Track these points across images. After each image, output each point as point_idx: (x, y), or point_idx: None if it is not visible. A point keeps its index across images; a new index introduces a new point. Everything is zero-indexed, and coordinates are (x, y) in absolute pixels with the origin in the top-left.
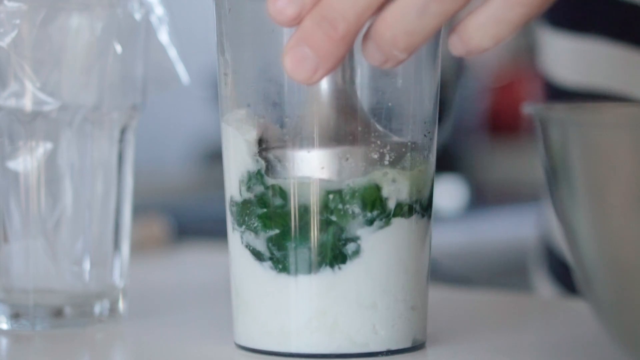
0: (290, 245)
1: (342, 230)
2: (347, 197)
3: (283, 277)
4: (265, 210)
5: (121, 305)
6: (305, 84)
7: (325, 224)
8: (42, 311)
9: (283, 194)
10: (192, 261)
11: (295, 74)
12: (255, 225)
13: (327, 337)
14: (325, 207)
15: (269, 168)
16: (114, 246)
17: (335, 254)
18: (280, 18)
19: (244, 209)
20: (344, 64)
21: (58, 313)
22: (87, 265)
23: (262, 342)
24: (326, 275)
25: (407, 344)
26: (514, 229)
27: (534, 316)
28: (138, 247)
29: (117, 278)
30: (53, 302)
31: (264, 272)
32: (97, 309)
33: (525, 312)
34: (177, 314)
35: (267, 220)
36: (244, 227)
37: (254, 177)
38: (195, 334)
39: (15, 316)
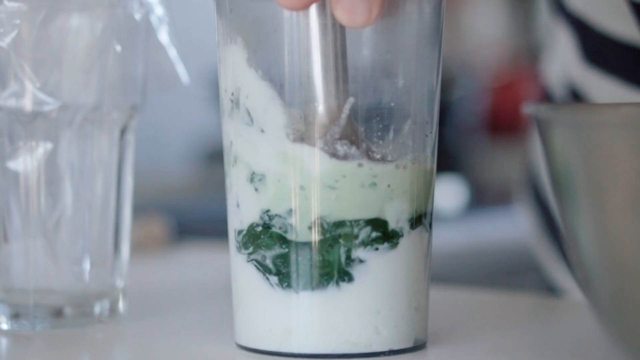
0: (297, 263)
1: (349, 251)
2: (353, 223)
3: (287, 291)
4: (271, 232)
5: (121, 305)
6: (367, 25)
7: (332, 244)
8: (42, 311)
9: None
10: (192, 261)
11: (354, 21)
12: (265, 244)
13: (330, 338)
14: (331, 233)
15: None
16: (114, 246)
17: (342, 274)
18: (286, 3)
19: (251, 235)
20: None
21: (58, 313)
22: (87, 265)
23: (263, 342)
24: (332, 290)
25: (409, 344)
26: (514, 229)
27: (534, 316)
28: (138, 247)
29: (117, 278)
30: (53, 302)
31: (267, 284)
32: (97, 309)
33: (525, 312)
34: (177, 314)
35: (274, 240)
36: (251, 248)
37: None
38: (195, 334)
39: (15, 316)
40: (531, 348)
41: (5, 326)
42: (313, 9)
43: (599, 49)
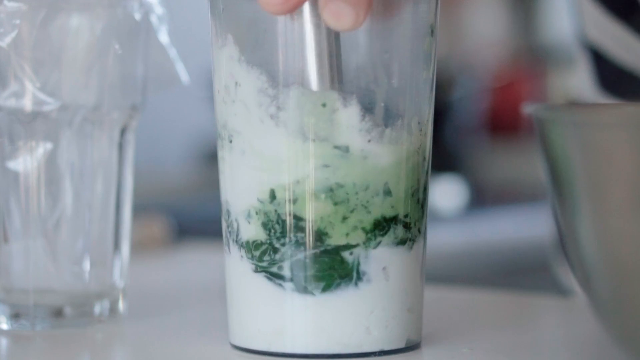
0: (298, 268)
1: (350, 257)
2: (353, 226)
3: (280, 293)
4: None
5: (121, 305)
6: (354, 29)
7: (333, 252)
8: (42, 311)
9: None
10: (192, 261)
11: (341, 24)
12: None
13: (321, 338)
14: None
15: None
16: (114, 246)
17: (343, 280)
18: (269, 7)
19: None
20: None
21: (58, 313)
22: (87, 265)
23: (255, 342)
24: (326, 292)
25: (401, 345)
26: (514, 229)
27: (534, 316)
28: (138, 247)
29: (117, 278)
30: (53, 302)
31: (262, 286)
32: (97, 309)
33: (525, 312)
34: (177, 314)
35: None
36: (265, 263)
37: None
38: (195, 334)
39: (15, 316)
40: (531, 348)
41: (5, 326)
42: (303, 10)
43: (615, 79)
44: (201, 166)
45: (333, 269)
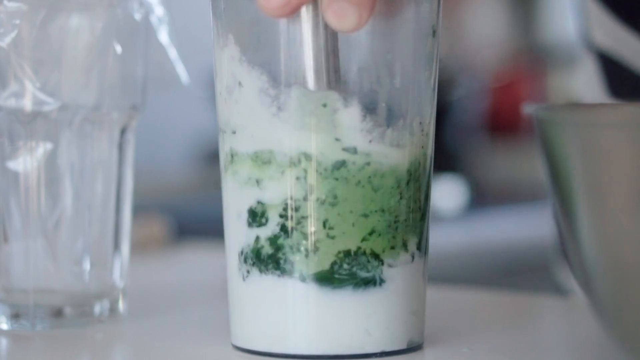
0: (300, 269)
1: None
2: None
3: (283, 293)
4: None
5: (121, 305)
6: (357, 30)
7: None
8: (42, 311)
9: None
10: (192, 261)
11: (344, 25)
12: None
13: (322, 339)
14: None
15: None
16: (114, 246)
17: (345, 282)
18: (269, 11)
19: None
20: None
21: (58, 313)
22: (87, 265)
23: (258, 343)
24: (328, 293)
25: (403, 346)
26: (514, 229)
27: (534, 316)
28: (138, 247)
29: (117, 278)
30: (53, 302)
31: (264, 285)
32: (97, 309)
33: (525, 312)
34: (177, 314)
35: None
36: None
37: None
38: (195, 335)
39: (15, 316)
40: (531, 348)
41: (5, 326)
42: (303, 10)
43: (626, 85)
44: (201, 166)
45: (335, 271)
